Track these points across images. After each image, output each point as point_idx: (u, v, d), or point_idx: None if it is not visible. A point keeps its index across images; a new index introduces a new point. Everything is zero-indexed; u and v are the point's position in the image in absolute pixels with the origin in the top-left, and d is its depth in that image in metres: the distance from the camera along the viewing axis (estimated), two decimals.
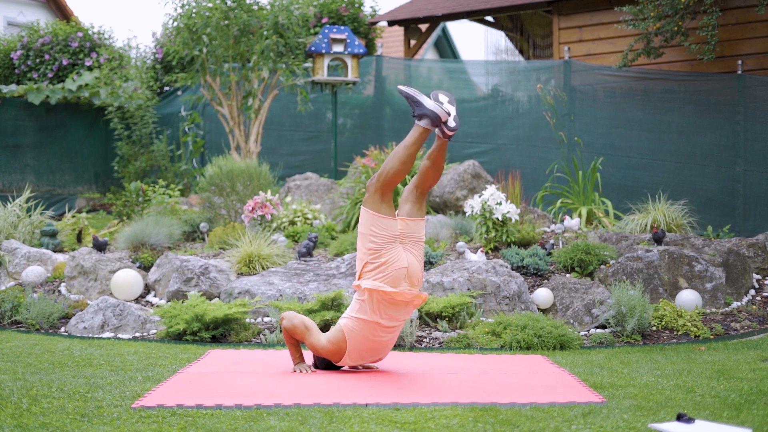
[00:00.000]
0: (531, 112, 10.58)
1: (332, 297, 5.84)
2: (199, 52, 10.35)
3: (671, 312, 6.24)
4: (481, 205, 7.38)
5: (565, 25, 11.06)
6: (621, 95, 10.04)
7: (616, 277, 6.70)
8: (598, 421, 3.49)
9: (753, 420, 3.54)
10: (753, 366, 4.91)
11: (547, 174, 9.56)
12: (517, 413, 3.65)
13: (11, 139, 11.66)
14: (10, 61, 13.63)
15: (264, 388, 4.14)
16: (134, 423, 3.44)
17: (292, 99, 11.69)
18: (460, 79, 11.58)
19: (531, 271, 6.93)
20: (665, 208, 8.13)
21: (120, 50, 13.46)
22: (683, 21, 8.99)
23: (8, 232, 7.92)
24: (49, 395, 3.87)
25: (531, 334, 5.60)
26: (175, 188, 10.06)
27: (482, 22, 13.59)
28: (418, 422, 3.50)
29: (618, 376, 4.62)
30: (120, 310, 6.07)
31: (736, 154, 9.28)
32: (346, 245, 7.31)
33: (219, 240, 7.79)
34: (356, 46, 10.46)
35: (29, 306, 6.24)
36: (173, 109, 12.64)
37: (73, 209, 10.43)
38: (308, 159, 12.01)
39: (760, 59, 9.72)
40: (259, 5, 10.79)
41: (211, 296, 6.51)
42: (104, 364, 4.81)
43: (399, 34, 17.88)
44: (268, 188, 8.59)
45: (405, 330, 5.60)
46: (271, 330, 5.95)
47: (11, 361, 4.84)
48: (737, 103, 9.30)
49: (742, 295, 6.95)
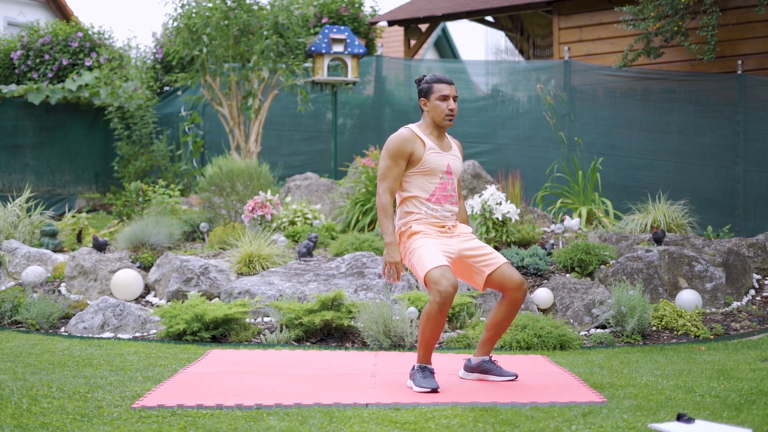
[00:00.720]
0: (531, 112, 10.58)
1: (332, 297, 5.84)
2: (199, 52, 10.35)
3: (671, 312, 6.24)
4: (481, 205, 7.38)
5: (565, 25, 11.06)
6: (621, 95, 10.04)
7: (616, 277, 6.70)
8: (598, 421, 3.49)
9: (753, 420, 3.54)
10: (753, 366, 4.91)
11: (547, 174, 9.56)
12: (517, 413, 3.65)
13: (11, 139, 11.66)
14: (10, 61, 13.63)
15: (264, 388, 4.15)
16: (134, 423, 3.44)
17: (292, 99, 11.69)
18: (460, 79, 11.57)
19: (531, 271, 6.93)
20: (665, 208, 8.13)
21: (120, 50, 13.46)
22: (683, 21, 8.99)
23: (8, 232, 7.92)
24: (49, 395, 3.87)
25: (531, 334, 5.60)
26: (175, 188, 10.06)
27: (482, 22, 13.59)
28: (418, 422, 3.50)
29: (618, 376, 4.62)
30: (120, 310, 6.07)
31: (736, 154, 9.28)
32: (346, 245, 7.31)
33: (219, 240, 7.79)
34: (356, 46, 10.46)
35: (29, 306, 6.24)
36: (173, 109, 12.64)
37: (73, 209, 10.43)
38: (308, 159, 12.01)
39: (760, 59, 9.72)
40: (259, 5, 10.79)
41: (211, 296, 6.51)
42: (104, 364, 4.81)
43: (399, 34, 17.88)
44: (268, 188, 8.59)
45: (405, 330, 5.60)
46: (271, 330, 5.95)
47: (11, 361, 4.84)
48: (737, 103, 9.30)
49: (742, 295, 6.95)
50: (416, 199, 4.29)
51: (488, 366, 4.42)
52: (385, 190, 4.28)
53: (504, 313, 4.35)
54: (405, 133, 4.31)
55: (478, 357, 4.45)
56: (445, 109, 4.31)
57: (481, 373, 4.43)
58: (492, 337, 4.42)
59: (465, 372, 4.48)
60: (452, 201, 4.36)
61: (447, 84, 4.35)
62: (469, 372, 4.47)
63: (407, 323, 5.60)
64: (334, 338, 5.80)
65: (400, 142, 4.27)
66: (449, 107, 4.31)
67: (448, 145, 4.41)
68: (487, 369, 4.41)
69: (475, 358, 4.45)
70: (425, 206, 4.29)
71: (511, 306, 4.33)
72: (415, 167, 4.28)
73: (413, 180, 4.31)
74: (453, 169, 4.36)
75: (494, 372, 4.40)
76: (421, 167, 4.28)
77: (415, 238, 4.25)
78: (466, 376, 4.47)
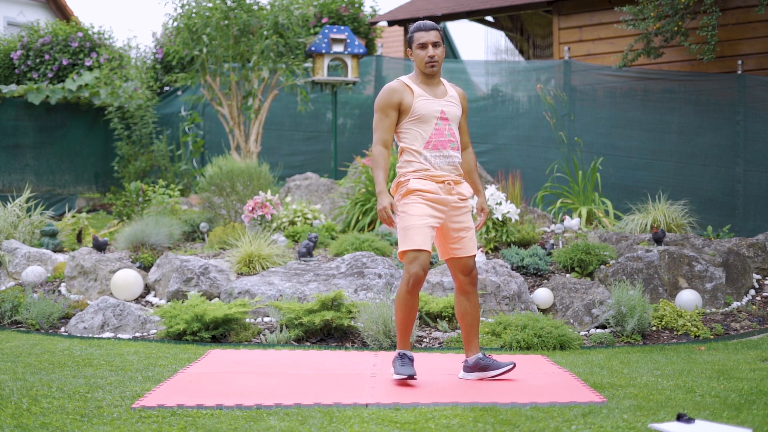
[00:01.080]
0: (531, 112, 10.58)
1: (332, 297, 5.84)
2: (199, 52, 10.35)
3: (671, 312, 6.24)
4: None
5: (565, 25, 11.06)
6: (621, 95, 10.04)
7: (616, 277, 6.70)
8: (598, 421, 3.49)
9: (753, 420, 3.54)
10: (753, 366, 4.91)
11: (547, 174, 9.56)
12: (517, 413, 3.65)
13: (11, 139, 11.66)
14: (10, 61, 13.63)
15: (264, 388, 4.15)
16: (134, 423, 3.44)
17: (292, 99, 11.69)
18: (460, 79, 11.57)
19: (531, 271, 6.93)
20: (665, 208, 8.13)
21: (120, 50, 13.46)
22: (683, 21, 8.99)
23: (8, 232, 7.91)
24: (49, 395, 3.87)
25: (531, 334, 5.60)
26: (175, 188, 10.06)
27: (482, 22, 13.59)
28: (418, 422, 3.50)
29: (618, 376, 4.62)
30: (120, 310, 6.07)
31: (736, 154, 9.28)
32: (346, 245, 7.31)
33: (219, 240, 7.79)
34: (356, 46, 10.46)
35: (29, 306, 6.24)
36: (173, 109, 12.65)
37: (73, 209, 10.43)
38: (308, 159, 12.01)
39: (760, 59, 9.72)
40: (259, 5, 10.79)
41: (211, 296, 6.51)
42: (104, 364, 4.81)
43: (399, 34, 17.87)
44: (268, 188, 8.59)
45: None
46: (271, 330, 5.95)
47: (11, 361, 4.84)
48: (737, 103, 9.30)
49: (742, 295, 6.95)
50: (414, 148, 4.32)
51: (485, 362, 4.42)
52: (377, 141, 4.35)
53: (462, 303, 4.45)
54: (393, 83, 4.38)
55: (472, 356, 4.46)
56: (424, 57, 4.34)
57: (479, 371, 4.43)
58: (468, 330, 4.46)
59: (464, 373, 4.49)
60: (452, 146, 4.36)
61: (425, 32, 4.36)
62: (468, 372, 4.47)
63: None
64: (334, 338, 5.80)
65: (387, 92, 4.34)
66: (428, 54, 4.33)
67: (443, 92, 4.42)
68: (485, 365, 4.42)
69: (471, 358, 4.46)
70: (423, 155, 4.31)
71: (461, 295, 4.44)
72: (407, 116, 4.32)
73: (409, 130, 4.34)
74: (449, 115, 4.37)
75: (492, 367, 4.41)
76: (412, 115, 4.31)
77: (411, 199, 4.28)
78: (466, 377, 4.47)
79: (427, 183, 4.29)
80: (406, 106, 4.31)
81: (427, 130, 4.31)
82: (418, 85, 4.38)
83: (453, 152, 4.35)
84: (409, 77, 4.42)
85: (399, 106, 4.32)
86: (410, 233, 4.23)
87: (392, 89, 4.34)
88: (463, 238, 4.37)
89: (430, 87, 4.39)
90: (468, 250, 4.38)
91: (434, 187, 4.29)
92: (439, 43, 4.36)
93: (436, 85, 4.41)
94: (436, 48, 4.34)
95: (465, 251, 4.38)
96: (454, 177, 4.35)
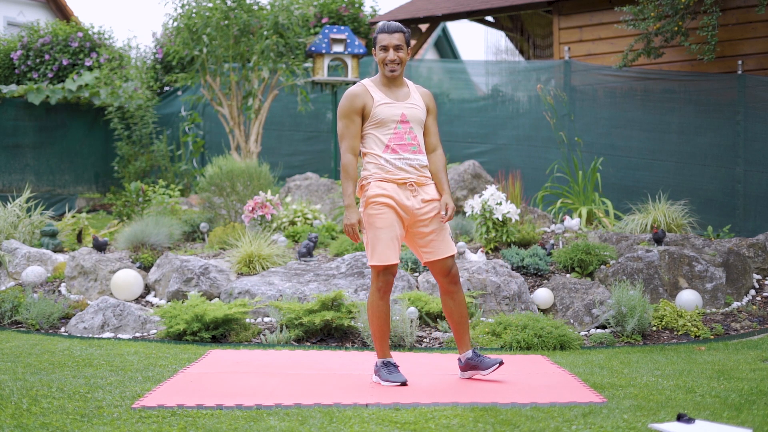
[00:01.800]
0: (531, 112, 10.58)
1: (332, 297, 5.84)
2: (199, 52, 10.35)
3: (671, 312, 6.24)
4: (481, 205, 7.38)
5: (565, 25, 11.05)
6: (621, 95, 10.04)
7: (616, 277, 6.70)
8: (598, 421, 3.49)
9: (753, 420, 3.54)
10: (753, 366, 4.90)
11: (547, 174, 9.56)
12: (518, 413, 3.65)
13: (11, 139, 11.66)
14: (10, 61, 13.63)
15: (264, 388, 4.15)
16: (134, 423, 3.43)
17: (292, 99, 11.69)
18: (460, 79, 11.57)
19: (531, 271, 6.92)
20: (665, 208, 8.13)
21: (120, 50, 13.46)
22: (683, 21, 8.99)
23: (8, 232, 7.91)
24: (49, 395, 3.87)
25: (531, 335, 5.60)
26: (175, 188, 10.06)
27: (482, 22, 13.59)
28: (418, 422, 3.50)
29: (618, 376, 4.62)
30: (120, 310, 6.07)
31: (736, 154, 9.28)
32: (346, 245, 7.31)
33: (219, 240, 7.79)
34: (356, 46, 10.47)
35: (29, 306, 6.23)
36: (173, 109, 12.64)
37: (73, 209, 10.42)
38: (308, 159, 12.01)
39: (760, 59, 9.72)
40: (259, 5, 10.79)
41: (211, 296, 6.51)
42: (104, 364, 4.81)
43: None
44: (268, 188, 8.59)
45: (405, 330, 5.60)
46: (271, 330, 5.95)
47: (11, 361, 4.84)
48: (737, 103, 9.30)
49: (742, 295, 6.95)
50: (373, 152, 4.30)
51: (474, 361, 4.43)
52: (346, 150, 4.32)
53: (447, 302, 4.44)
54: (354, 88, 4.34)
55: (463, 355, 4.48)
56: (385, 59, 4.32)
57: (470, 369, 4.45)
58: (456, 328, 4.45)
59: (461, 372, 4.50)
60: (413, 150, 4.31)
61: (388, 34, 4.32)
62: (463, 371, 4.48)
63: (407, 323, 5.60)
64: (334, 338, 5.80)
65: (349, 98, 4.31)
66: (389, 58, 4.30)
67: (406, 95, 4.38)
68: (474, 364, 4.43)
69: (462, 356, 4.48)
70: (383, 158, 4.29)
71: (445, 295, 4.43)
72: (368, 121, 4.30)
73: (369, 135, 4.32)
74: (410, 118, 4.33)
75: (480, 366, 4.41)
76: (372, 120, 4.30)
77: (375, 209, 4.26)
78: (463, 376, 4.48)
79: (387, 186, 4.27)
80: (368, 111, 4.29)
81: (386, 134, 4.29)
82: (380, 88, 4.35)
83: (413, 155, 4.31)
84: (372, 80, 4.38)
85: (363, 110, 4.30)
86: (378, 247, 4.23)
87: (354, 94, 4.30)
88: (433, 241, 4.35)
89: (392, 90, 4.35)
90: (441, 252, 4.35)
91: (395, 188, 4.27)
92: (402, 47, 4.31)
93: (398, 87, 4.38)
94: (398, 51, 4.30)
95: (438, 254, 4.35)
96: (416, 178, 4.32)
